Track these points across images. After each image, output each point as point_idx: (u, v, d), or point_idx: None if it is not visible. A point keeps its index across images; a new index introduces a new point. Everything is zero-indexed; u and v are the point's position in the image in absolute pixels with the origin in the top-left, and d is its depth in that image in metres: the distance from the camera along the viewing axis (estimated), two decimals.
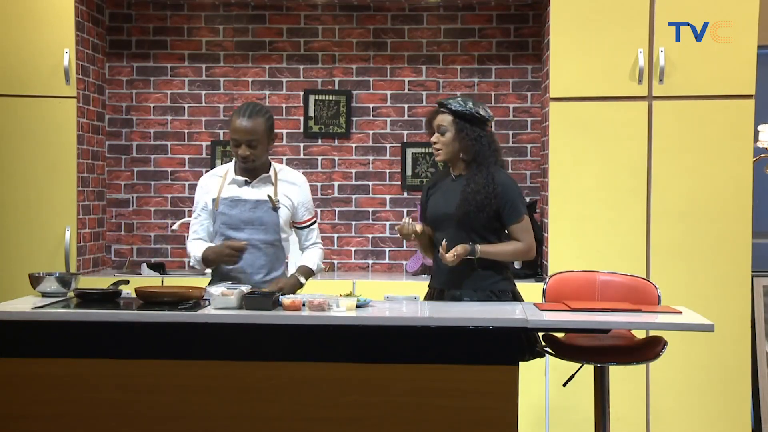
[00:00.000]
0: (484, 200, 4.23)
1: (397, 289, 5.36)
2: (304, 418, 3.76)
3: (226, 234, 4.30)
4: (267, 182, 4.35)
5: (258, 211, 4.30)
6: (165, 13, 6.12)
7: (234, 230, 4.29)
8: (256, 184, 4.33)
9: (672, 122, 5.30)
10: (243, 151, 4.24)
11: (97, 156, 5.94)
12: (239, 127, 4.23)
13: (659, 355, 4.18)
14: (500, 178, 4.29)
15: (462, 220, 4.25)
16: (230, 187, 4.33)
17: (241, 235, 4.27)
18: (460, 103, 4.30)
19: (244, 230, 4.29)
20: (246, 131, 4.23)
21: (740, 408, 5.29)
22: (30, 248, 5.49)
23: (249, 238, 4.26)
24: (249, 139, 4.23)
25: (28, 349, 3.84)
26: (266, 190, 4.33)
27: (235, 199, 4.31)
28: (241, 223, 4.29)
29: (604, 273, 4.57)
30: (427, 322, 3.79)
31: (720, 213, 5.27)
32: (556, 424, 5.39)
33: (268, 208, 4.31)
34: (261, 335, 3.80)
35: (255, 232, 4.29)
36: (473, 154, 4.29)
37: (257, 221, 4.29)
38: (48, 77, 5.49)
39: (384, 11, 6.07)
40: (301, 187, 4.42)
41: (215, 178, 4.39)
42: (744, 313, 5.29)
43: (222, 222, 4.31)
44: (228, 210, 4.30)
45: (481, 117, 4.31)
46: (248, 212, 4.29)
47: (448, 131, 4.30)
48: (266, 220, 4.30)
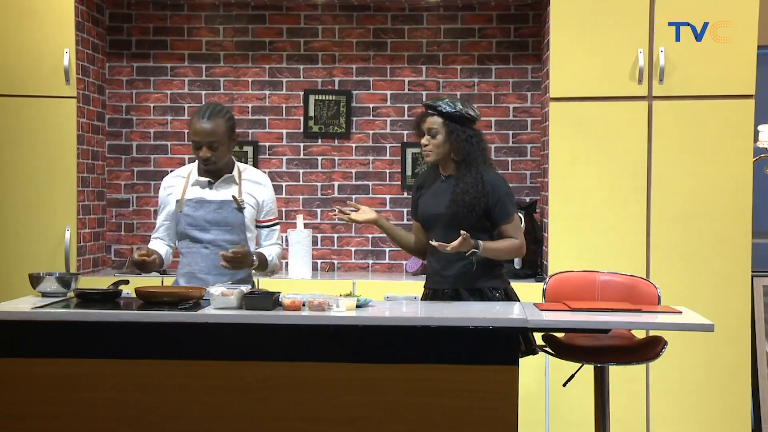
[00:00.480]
0: (473, 200, 4.22)
1: (397, 289, 5.36)
2: (304, 418, 3.76)
3: (192, 235, 4.29)
4: (230, 182, 4.33)
5: (223, 212, 4.28)
6: (165, 13, 6.12)
7: (199, 231, 4.29)
8: (219, 185, 4.31)
9: (672, 122, 5.30)
10: (204, 153, 4.21)
11: (97, 156, 5.94)
12: (199, 129, 4.19)
13: (659, 355, 4.18)
14: (489, 177, 4.28)
15: (452, 220, 4.24)
16: (193, 189, 4.32)
17: (207, 236, 4.27)
18: (449, 104, 4.29)
19: (209, 231, 4.28)
20: (206, 133, 4.19)
21: (740, 408, 5.29)
22: (30, 248, 5.49)
23: (215, 239, 4.27)
24: (210, 140, 4.19)
25: (28, 349, 3.84)
26: (230, 190, 4.31)
27: (199, 200, 4.29)
28: (207, 224, 4.28)
29: (604, 273, 4.57)
30: (427, 322, 3.79)
31: (720, 213, 5.28)
32: (556, 424, 5.39)
33: (233, 209, 4.29)
34: (261, 335, 3.80)
35: (221, 232, 4.29)
36: (464, 154, 4.28)
37: (222, 222, 4.28)
38: (48, 77, 5.49)
39: (384, 11, 6.07)
40: (265, 186, 4.40)
41: (178, 179, 4.37)
42: (744, 313, 5.29)
43: (187, 223, 4.29)
44: (192, 212, 4.29)
45: (471, 117, 4.31)
46: (213, 213, 4.28)
47: (438, 133, 4.29)
48: (231, 220, 4.29)
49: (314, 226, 6.07)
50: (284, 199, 6.11)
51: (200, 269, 4.29)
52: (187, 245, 4.33)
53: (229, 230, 4.29)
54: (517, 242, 4.31)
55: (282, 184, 6.10)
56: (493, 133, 6.03)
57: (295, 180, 6.11)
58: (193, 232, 4.29)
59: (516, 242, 4.31)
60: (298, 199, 6.11)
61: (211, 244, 4.28)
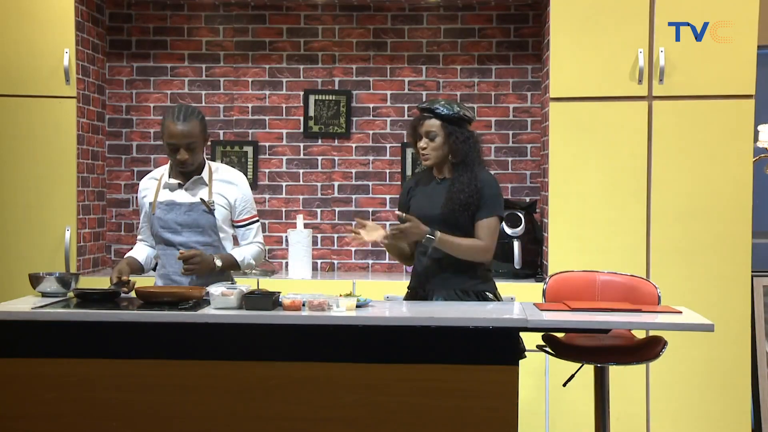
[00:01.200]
0: (468, 198, 4.20)
1: (397, 289, 5.36)
2: (304, 418, 3.76)
3: (165, 237, 4.30)
4: (200, 184, 4.32)
5: (193, 214, 4.28)
6: (165, 13, 6.12)
7: (172, 233, 4.29)
8: (189, 187, 4.30)
9: (672, 122, 5.30)
10: (182, 156, 4.20)
11: (97, 156, 5.94)
12: (176, 132, 4.17)
13: (659, 355, 4.18)
14: (483, 176, 4.27)
15: (447, 219, 4.21)
16: (165, 191, 4.32)
17: (179, 239, 4.28)
18: (446, 106, 4.26)
19: (181, 233, 4.29)
20: (183, 135, 4.17)
21: (740, 408, 5.29)
22: (30, 248, 5.50)
23: (187, 241, 4.27)
24: (187, 142, 4.18)
25: (28, 349, 3.84)
26: (200, 191, 4.31)
27: (170, 202, 4.29)
28: (178, 226, 4.29)
29: (604, 273, 4.57)
30: (427, 322, 3.79)
31: (720, 213, 5.28)
32: (556, 424, 5.39)
33: (203, 211, 4.29)
34: (261, 335, 3.80)
35: (192, 234, 4.29)
36: (462, 156, 4.27)
37: (193, 224, 4.28)
38: (48, 77, 5.49)
39: (384, 11, 6.07)
40: (239, 185, 4.36)
41: (152, 181, 4.40)
42: (744, 313, 5.29)
43: (160, 226, 4.30)
44: (164, 214, 4.29)
45: (468, 118, 4.29)
46: (183, 215, 4.28)
47: (437, 136, 4.27)
48: (202, 222, 4.28)
49: (314, 226, 6.07)
50: (284, 199, 6.11)
51: (174, 271, 4.29)
52: (162, 248, 4.35)
53: (201, 232, 4.29)
54: (480, 243, 4.19)
55: (282, 184, 6.10)
56: (493, 133, 6.03)
57: (295, 180, 6.11)
58: (165, 235, 4.30)
59: (479, 243, 4.19)
60: (298, 199, 6.11)
61: (183, 246, 4.26)
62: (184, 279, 4.28)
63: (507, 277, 5.57)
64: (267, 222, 6.10)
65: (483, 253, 4.21)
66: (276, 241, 6.10)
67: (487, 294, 4.28)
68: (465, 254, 4.20)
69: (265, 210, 6.10)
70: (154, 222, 4.32)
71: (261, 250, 4.42)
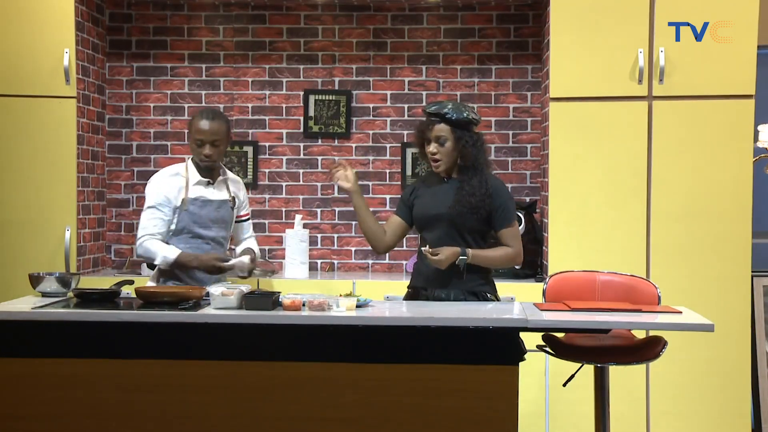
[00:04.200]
0: (479, 203, 4.22)
1: (397, 289, 5.36)
2: (304, 418, 3.76)
3: (196, 231, 4.58)
4: (224, 183, 4.71)
5: (221, 211, 4.65)
6: (165, 13, 6.12)
7: (203, 228, 4.60)
8: (217, 185, 4.67)
9: (672, 122, 5.30)
10: (207, 151, 4.54)
11: (97, 156, 5.94)
12: (204, 128, 4.54)
13: (659, 355, 4.18)
14: (493, 181, 4.29)
15: (454, 220, 4.24)
16: (196, 188, 4.60)
17: (210, 233, 4.61)
18: (455, 110, 4.26)
19: (211, 228, 4.62)
20: (211, 132, 4.54)
21: (740, 408, 5.29)
22: (30, 248, 5.49)
23: (216, 236, 4.63)
24: (213, 139, 4.54)
25: (28, 349, 3.84)
26: (223, 190, 4.69)
27: (204, 199, 4.60)
28: (210, 222, 4.61)
29: (604, 273, 4.58)
30: (427, 322, 3.79)
31: (720, 213, 5.28)
32: (556, 424, 5.39)
33: (229, 208, 4.68)
34: (261, 335, 3.80)
35: (220, 229, 4.65)
36: (472, 159, 4.28)
37: (221, 220, 4.65)
38: (48, 77, 5.49)
39: (384, 11, 6.07)
40: (241, 184, 4.84)
41: (178, 178, 4.62)
42: (744, 313, 5.29)
43: (192, 221, 4.57)
44: (198, 210, 4.58)
45: (475, 121, 4.32)
46: (215, 212, 4.62)
47: (447, 141, 4.28)
48: (227, 218, 4.69)
49: (314, 226, 6.07)
50: (284, 199, 6.11)
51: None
52: (186, 240, 4.57)
53: (225, 227, 4.68)
54: (511, 251, 4.29)
55: (282, 184, 6.10)
56: (493, 133, 6.03)
57: (295, 180, 6.11)
58: (197, 229, 4.58)
59: (510, 251, 4.29)
60: (298, 199, 6.11)
61: (212, 240, 4.61)
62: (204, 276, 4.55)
63: (507, 277, 5.57)
64: (267, 222, 6.10)
65: (516, 258, 4.33)
66: (276, 241, 6.10)
67: (487, 295, 4.29)
68: (501, 264, 4.34)
69: (265, 210, 6.10)
70: (185, 217, 4.56)
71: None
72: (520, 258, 4.34)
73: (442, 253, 4.15)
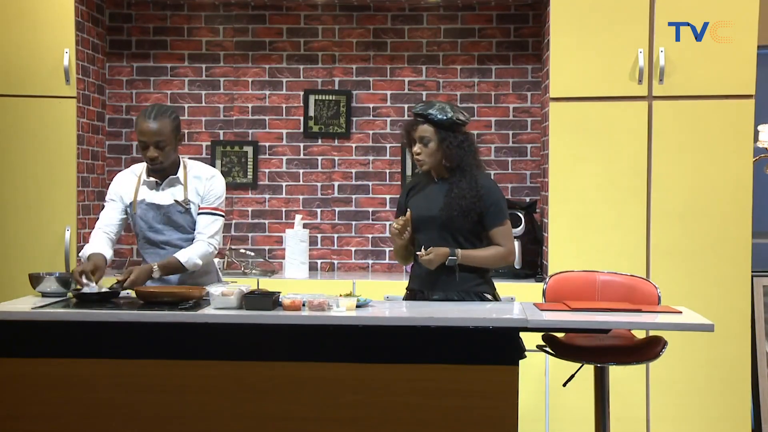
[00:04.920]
0: (469, 205, 4.20)
1: (397, 289, 5.36)
2: (304, 418, 3.76)
3: (148, 236, 4.40)
4: (176, 183, 4.40)
5: (171, 214, 4.38)
6: (165, 13, 6.12)
7: (153, 233, 4.40)
8: (165, 187, 4.39)
9: (672, 122, 5.30)
10: (151, 153, 4.28)
11: (97, 156, 5.94)
12: (146, 129, 4.26)
13: (659, 355, 4.18)
14: (483, 181, 4.26)
15: (445, 222, 4.22)
16: (143, 189, 4.41)
17: (162, 237, 4.39)
18: (439, 111, 4.23)
19: (163, 232, 4.40)
20: (153, 133, 4.26)
21: (740, 408, 5.29)
22: (30, 248, 5.49)
23: (169, 239, 4.39)
24: (156, 140, 4.26)
25: (28, 349, 3.84)
26: (176, 191, 4.40)
27: (149, 202, 4.39)
28: (159, 225, 4.39)
29: (604, 273, 4.57)
30: (427, 322, 3.79)
31: (720, 213, 5.28)
32: (556, 424, 5.39)
33: (178, 211, 4.38)
34: (261, 335, 3.80)
35: (173, 232, 4.40)
36: (457, 161, 4.25)
37: (172, 223, 4.39)
38: (48, 77, 5.49)
39: (384, 11, 6.07)
40: (209, 179, 4.41)
41: (131, 176, 4.45)
42: (744, 313, 5.29)
43: (141, 225, 4.41)
44: (144, 214, 4.39)
45: (462, 122, 4.26)
46: (162, 215, 4.38)
47: (431, 141, 4.24)
48: (180, 221, 4.40)
49: (314, 226, 6.07)
50: (284, 199, 6.11)
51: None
52: (143, 246, 4.45)
53: (181, 230, 4.40)
54: (502, 250, 4.25)
55: (282, 184, 6.10)
56: (493, 133, 6.03)
57: (295, 180, 6.11)
58: (148, 234, 4.41)
59: (502, 250, 4.25)
60: (298, 199, 6.11)
61: (166, 244, 4.39)
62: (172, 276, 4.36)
63: (507, 277, 5.57)
64: (267, 222, 6.10)
65: (508, 257, 4.27)
66: (276, 241, 6.10)
67: (486, 295, 4.28)
68: (492, 264, 4.28)
69: (265, 210, 6.10)
70: (137, 221, 4.41)
71: (210, 252, 4.37)
72: (512, 256, 4.30)
73: (432, 253, 4.15)
